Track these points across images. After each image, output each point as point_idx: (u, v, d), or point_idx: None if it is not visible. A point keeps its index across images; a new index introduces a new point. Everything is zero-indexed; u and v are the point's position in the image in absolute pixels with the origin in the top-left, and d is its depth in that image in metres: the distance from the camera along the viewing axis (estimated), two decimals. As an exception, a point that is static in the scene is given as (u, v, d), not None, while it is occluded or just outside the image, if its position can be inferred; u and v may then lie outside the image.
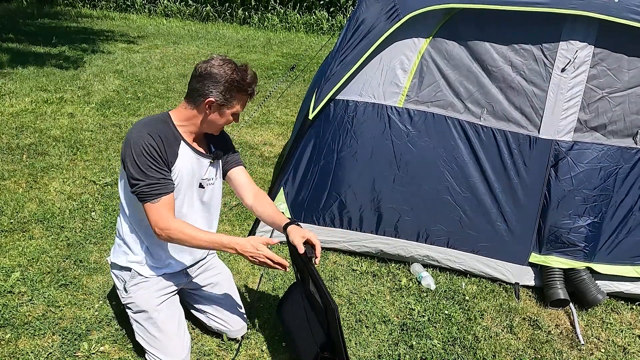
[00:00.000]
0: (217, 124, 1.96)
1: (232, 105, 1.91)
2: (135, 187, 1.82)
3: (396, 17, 2.55)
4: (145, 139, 1.81)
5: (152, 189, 1.81)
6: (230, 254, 2.91)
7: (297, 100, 6.02)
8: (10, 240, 2.83)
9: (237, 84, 1.86)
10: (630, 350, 2.44)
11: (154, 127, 1.86)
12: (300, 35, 10.73)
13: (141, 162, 1.80)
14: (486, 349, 2.36)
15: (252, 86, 1.92)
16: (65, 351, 2.11)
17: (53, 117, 4.73)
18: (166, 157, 1.86)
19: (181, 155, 1.92)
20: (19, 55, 6.98)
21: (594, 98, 2.56)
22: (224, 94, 1.86)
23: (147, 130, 1.83)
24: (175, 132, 1.92)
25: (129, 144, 1.82)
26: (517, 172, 2.68)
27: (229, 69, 1.86)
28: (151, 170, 1.81)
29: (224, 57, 1.92)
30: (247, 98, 1.95)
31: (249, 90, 1.91)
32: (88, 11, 11.81)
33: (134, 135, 1.82)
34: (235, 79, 1.85)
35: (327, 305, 1.77)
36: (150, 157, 1.80)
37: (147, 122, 1.89)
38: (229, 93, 1.87)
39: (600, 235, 2.67)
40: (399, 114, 2.73)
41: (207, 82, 1.85)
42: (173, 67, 7.01)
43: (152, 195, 1.81)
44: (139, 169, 1.80)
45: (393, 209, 2.81)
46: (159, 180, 1.83)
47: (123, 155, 1.84)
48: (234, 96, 1.89)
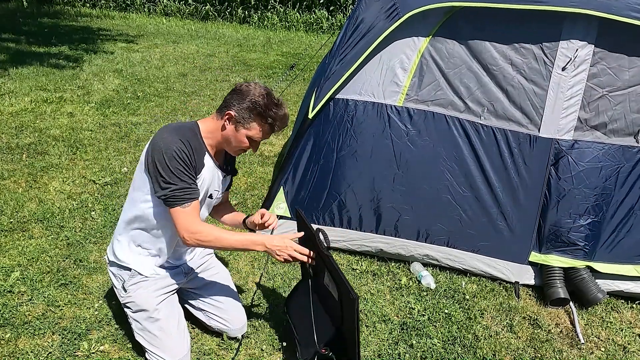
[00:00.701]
0: (232, 143, 1.93)
1: (248, 126, 1.88)
2: (166, 191, 1.82)
3: (396, 16, 2.55)
4: (177, 144, 1.81)
5: (184, 192, 1.83)
6: (230, 253, 2.91)
7: (297, 99, 6.01)
8: (10, 240, 2.83)
9: (259, 108, 1.85)
10: (630, 349, 2.44)
11: (184, 134, 1.86)
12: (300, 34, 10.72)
13: (173, 166, 1.81)
14: (486, 348, 2.36)
15: (274, 117, 1.87)
16: (65, 351, 2.11)
17: (53, 117, 4.73)
18: (195, 164, 1.88)
19: (207, 165, 1.95)
20: (19, 54, 6.97)
21: (595, 97, 2.56)
22: (243, 112, 1.86)
23: (178, 136, 1.83)
24: (201, 142, 1.93)
25: (159, 148, 1.81)
26: (517, 171, 2.67)
27: (259, 91, 1.86)
28: (183, 175, 1.82)
29: (265, 86, 1.92)
30: (267, 128, 1.90)
31: (269, 119, 1.87)
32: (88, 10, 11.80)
33: (166, 140, 1.82)
34: (258, 101, 1.85)
35: (347, 295, 1.77)
36: (183, 162, 1.82)
37: (177, 128, 1.89)
38: (248, 113, 1.86)
39: (601, 234, 2.67)
40: (399, 113, 2.72)
41: (235, 95, 1.88)
42: (173, 67, 7.00)
43: (183, 199, 1.83)
44: (171, 173, 1.81)
45: (393, 208, 2.80)
46: (190, 185, 1.85)
47: (151, 158, 1.83)
48: (252, 118, 1.87)
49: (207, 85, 6.22)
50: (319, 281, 2.07)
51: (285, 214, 2.92)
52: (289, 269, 2.82)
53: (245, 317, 2.29)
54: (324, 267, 1.97)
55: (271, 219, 2.12)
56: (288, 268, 2.82)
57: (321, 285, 2.05)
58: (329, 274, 1.94)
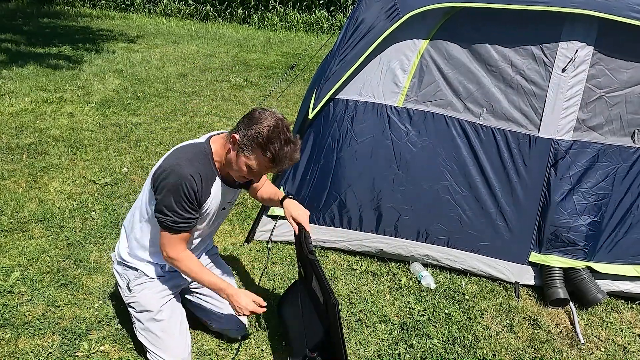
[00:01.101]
0: (233, 168, 1.87)
1: (248, 154, 1.79)
2: (161, 216, 1.85)
3: (396, 17, 2.55)
4: (187, 180, 1.80)
5: (176, 225, 1.85)
6: (230, 253, 2.92)
7: (297, 99, 6.01)
8: (10, 240, 2.83)
9: (260, 138, 1.74)
10: (630, 350, 2.44)
11: (197, 166, 1.84)
12: (300, 34, 10.72)
13: (176, 200, 1.81)
14: (486, 348, 2.36)
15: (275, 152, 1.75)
16: (65, 351, 2.11)
17: (53, 117, 4.73)
18: (201, 198, 1.88)
19: (213, 192, 1.94)
20: (19, 54, 6.97)
21: (592, 97, 2.56)
22: (246, 139, 1.77)
23: (190, 170, 1.81)
24: (213, 168, 1.92)
25: (170, 178, 1.80)
26: (517, 172, 2.67)
27: (267, 122, 1.76)
28: (183, 209, 1.83)
29: (281, 116, 1.82)
30: (266, 162, 1.78)
31: (268, 154, 1.75)
32: (88, 10, 11.80)
33: (177, 171, 1.80)
34: (262, 132, 1.74)
35: (327, 300, 1.77)
36: (186, 199, 1.82)
37: (191, 156, 1.85)
38: (250, 141, 1.76)
39: (600, 234, 2.67)
40: (399, 113, 2.73)
41: (245, 119, 1.81)
42: (173, 67, 7.00)
43: (173, 229, 1.86)
44: (172, 206, 1.82)
45: (393, 208, 2.81)
46: (186, 219, 1.86)
47: (160, 180, 1.83)
48: (253, 147, 1.77)
49: (207, 86, 6.22)
50: (308, 284, 2.07)
51: (285, 214, 2.92)
52: (289, 269, 2.82)
53: (245, 318, 2.29)
54: (311, 270, 1.97)
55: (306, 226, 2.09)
56: (288, 268, 2.82)
57: (310, 288, 2.05)
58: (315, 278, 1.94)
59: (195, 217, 1.90)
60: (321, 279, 1.84)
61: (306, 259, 2.01)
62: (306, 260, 2.01)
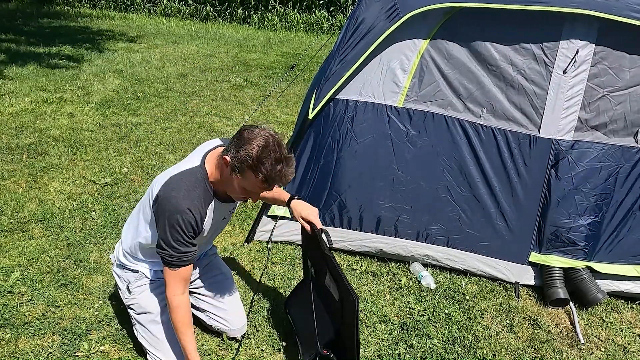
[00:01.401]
0: (230, 188, 1.84)
1: (242, 176, 1.74)
2: (160, 250, 1.84)
3: (396, 17, 2.55)
4: (184, 214, 1.76)
5: (174, 259, 1.83)
6: (230, 254, 2.92)
7: (297, 99, 6.01)
8: (10, 240, 2.83)
9: (251, 161, 1.69)
10: (630, 350, 2.44)
11: (193, 197, 1.79)
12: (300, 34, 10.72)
13: (173, 235, 1.79)
14: (486, 348, 2.36)
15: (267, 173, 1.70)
16: (65, 351, 2.11)
17: (53, 117, 4.73)
18: (199, 228, 1.85)
19: (209, 212, 1.91)
20: (19, 55, 6.97)
21: (595, 97, 2.56)
22: (237, 161, 1.72)
23: (187, 204, 1.76)
24: (209, 192, 1.88)
25: (166, 210, 1.76)
26: (517, 172, 2.67)
27: (257, 142, 1.70)
28: (180, 243, 1.81)
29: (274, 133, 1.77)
30: (260, 184, 1.74)
31: (260, 175, 1.70)
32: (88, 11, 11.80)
33: (173, 203, 1.76)
34: (251, 153, 1.69)
35: (346, 296, 1.77)
36: (183, 233, 1.79)
37: (187, 187, 1.80)
38: (241, 163, 1.71)
39: (601, 234, 2.67)
40: (399, 113, 2.73)
41: (235, 140, 1.76)
42: (173, 67, 7.00)
43: (172, 264, 1.83)
44: (169, 241, 1.80)
45: (393, 208, 2.80)
46: (184, 253, 1.83)
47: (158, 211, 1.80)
48: (244, 169, 1.72)
49: (207, 86, 6.22)
50: (320, 282, 2.07)
51: (285, 215, 2.92)
52: (288, 269, 2.82)
53: (245, 318, 2.29)
54: (325, 267, 1.97)
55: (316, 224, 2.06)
56: (288, 268, 2.82)
57: (322, 286, 2.05)
58: (330, 275, 1.94)
59: (193, 250, 1.86)
60: (339, 276, 1.83)
61: (319, 257, 2.00)
62: (320, 257, 2.01)
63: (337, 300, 1.90)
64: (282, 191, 2.23)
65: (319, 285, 2.11)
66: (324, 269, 1.99)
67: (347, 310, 1.82)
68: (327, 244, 1.95)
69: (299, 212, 2.09)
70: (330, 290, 1.96)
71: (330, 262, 1.90)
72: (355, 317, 1.75)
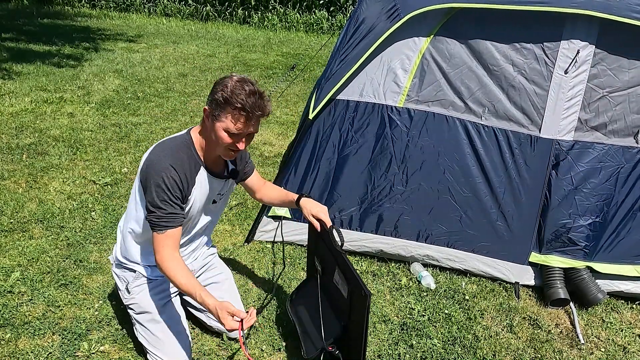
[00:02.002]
0: (217, 144, 1.84)
1: (222, 118, 1.77)
2: (148, 215, 1.84)
3: (397, 17, 2.55)
4: (167, 171, 1.79)
5: (161, 220, 1.82)
6: (230, 254, 2.92)
7: (297, 99, 6.01)
8: (10, 240, 2.83)
9: (226, 93, 1.73)
10: (630, 350, 2.44)
11: (177, 156, 1.84)
12: (300, 34, 10.72)
13: (158, 194, 1.80)
14: (486, 349, 2.36)
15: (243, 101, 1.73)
16: (65, 351, 2.11)
17: (53, 117, 4.73)
18: (185, 189, 1.86)
19: (198, 182, 1.93)
20: (19, 54, 6.97)
21: (595, 97, 2.56)
22: (214, 104, 1.77)
23: (170, 161, 1.81)
24: (196, 159, 1.91)
25: (151, 171, 1.80)
26: (518, 172, 2.67)
27: (232, 80, 1.77)
28: (166, 203, 1.81)
29: (243, 76, 1.82)
30: (239, 115, 1.75)
31: (238, 104, 1.73)
32: (87, 11, 11.80)
33: (157, 163, 1.80)
34: (226, 90, 1.74)
35: (358, 291, 1.77)
36: (168, 191, 1.80)
37: (172, 147, 1.85)
38: (217, 103, 1.76)
39: (601, 234, 2.67)
40: (400, 113, 2.73)
41: (210, 92, 1.81)
42: (173, 67, 7.00)
43: (160, 226, 1.82)
44: (155, 201, 1.80)
45: (393, 208, 2.80)
46: (170, 214, 1.83)
47: (144, 178, 1.83)
48: (222, 107, 1.76)
49: (207, 86, 6.22)
50: (327, 279, 2.07)
51: (285, 215, 2.93)
52: (289, 269, 2.82)
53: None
54: (334, 265, 1.97)
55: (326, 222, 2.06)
56: (288, 268, 2.82)
57: (329, 283, 2.05)
58: (339, 272, 1.94)
59: (179, 211, 1.86)
60: (350, 272, 1.83)
61: (329, 254, 2.00)
62: (329, 254, 2.01)
63: (346, 297, 1.90)
64: (288, 192, 2.24)
65: (325, 283, 2.11)
66: (332, 266, 1.99)
67: (357, 307, 1.82)
68: (340, 242, 1.95)
69: (309, 210, 2.09)
70: (339, 287, 1.96)
71: (341, 258, 1.90)
72: (365, 312, 1.75)
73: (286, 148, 4.51)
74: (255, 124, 1.82)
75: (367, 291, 1.72)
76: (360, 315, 1.79)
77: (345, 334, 1.94)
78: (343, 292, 1.93)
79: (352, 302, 1.86)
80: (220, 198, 2.11)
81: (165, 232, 1.83)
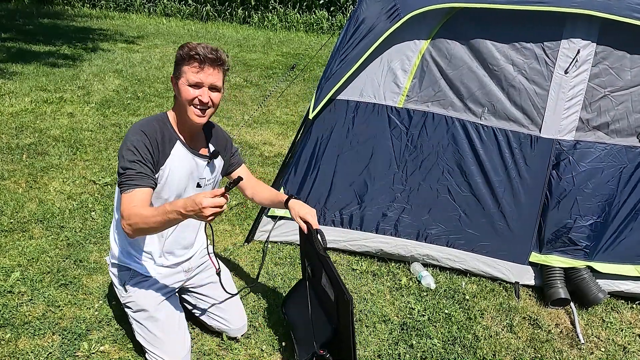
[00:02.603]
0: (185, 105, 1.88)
1: (180, 75, 1.88)
2: (119, 178, 1.83)
3: (396, 17, 2.54)
4: (137, 135, 1.84)
5: (129, 179, 1.80)
6: (230, 254, 2.91)
7: (297, 99, 6.01)
8: (10, 240, 2.83)
9: (181, 54, 1.86)
10: (630, 350, 2.44)
11: (149, 127, 1.88)
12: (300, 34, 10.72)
13: (127, 154, 1.82)
14: (486, 348, 2.36)
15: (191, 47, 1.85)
16: (65, 351, 2.11)
17: (53, 117, 4.73)
18: (157, 155, 1.87)
19: (174, 155, 1.93)
20: (19, 55, 6.97)
21: (596, 97, 2.56)
22: (176, 67, 1.90)
23: (141, 129, 1.86)
24: (171, 132, 1.94)
25: (124, 141, 1.86)
26: (518, 172, 2.67)
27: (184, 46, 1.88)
28: (133, 163, 1.81)
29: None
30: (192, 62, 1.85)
31: (190, 52, 1.84)
32: (87, 11, 11.80)
33: (129, 133, 1.86)
34: (181, 51, 1.87)
35: (341, 296, 1.77)
36: (136, 151, 1.82)
37: (144, 122, 1.92)
38: (177, 63, 1.89)
39: (602, 234, 2.66)
40: (399, 114, 2.72)
41: None
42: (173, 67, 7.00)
43: (126, 185, 1.80)
44: (123, 161, 1.82)
45: (393, 208, 2.80)
46: (137, 173, 1.82)
47: (119, 150, 1.87)
48: (179, 64, 1.88)
49: (207, 86, 6.22)
50: (317, 282, 2.07)
51: (285, 215, 2.92)
52: (288, 269, 2.82)
53: (245, 317, 2.29)
54: (321, 267, 1.97)
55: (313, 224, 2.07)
56: (288, 268, 2.82)
57: (319, 286, 2.05)
58: (326, 275, 1.94)
59: (149, 173, 1.83)
60: (333, 276, 1.84)
61: (316, 257, 2.01)
62: (316, 257, 2.01)
63: (333, 300, 1.90)
64: (279, 193, 2.25)
65: (315, 286, 2.10)
66: (320, 269, 1.99)
67: (342, 311, 1.82)
68: (322, 244, 1.95)
69: (296, 212, 2.10)
70: (327, 290, 1.96)
71: (325, 262, 1.90)
72: (350, 317, 1.74)
73: (286, 148, 4.51)
74: (213, 73, 1.88)
75: (348, 296, 1.72)
76: (346, 319, 1.79)
77: (336, 336, 1.94)
78: (330, 296, 1.92)
79: (338, 305, 1.86)
80: (205, 183, 2.09)
81: (132, 190, 1.79)
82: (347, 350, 1.83)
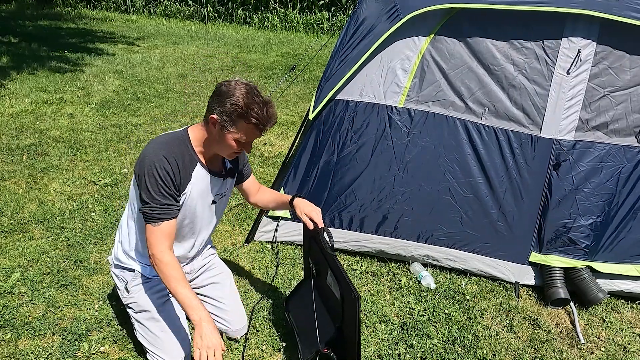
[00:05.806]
0: (222, 147, 1.86)
1: (233, 129, 1.79)
2: (142, 208, 1.83)
3: (396, 17, 2.55)
4: (161, 162, 1.79)
5: (155, 211, 1.81)
6: (230, 254, 2.92)
7: (297, 99, 6.01)
8: (10, 241, 2.83)
9: (239, 109, 1.75)
10: (631, 349, 2.44)
11: (171, 150, 1.83)
12: (300, 35, 10.73)
13: (151, 184, 1.79)
14: (486, 348, 2.36)
15: (257, 117, 1.76)
16: (65, 351, 2.11)
17: (53, 118, 4.73)
18: (179, 182, 1.85)
19: (195, 178, 1.92)
20: (19, 56, 6.98)
21: (596, 97, 2.56)
22: (225, 115, 1.77)
23: (163, 152, 1.81)
24: (192, 154, 1.90)
25: (144, 163, 1.80)
26: (519, 171, 2.67)
27: (240, 91, 1.76)
28: (159, 194, 1.80)
29: (248, 82, 1.82)
30: (253, 129, 1.79)
31: (253, 120, 1.76)
32: (88, 12, 11.81)
33: (150, 155, 1.80)
34: (239, 102, 1.74)
35: (348, 294, 1.77)
36: (161, 182, 1.80)
37: (166, 141, 1.85)
38: (230, 116, 1.77)
39: (602, 234, 2.66)
40: (400, 113, 2.73)
41: (216, 98, 1.80)
42: (173, 68, 7.01)
43: (154, 218, 1.82)
44: (148, 192, 1.80)
45: (393, 209, 2.80)
46: (164, 205, 1.82)
47: (137, 170, 1.83)
48: (234, 121, 1.77)
49: (207, 86, 6.22)
50: (321, 281, 2.07)
51: (285, 215, 2.92)
52: (288, 269, 2.82)
53: (246, 318, 2.29)
54: (327, 266, 1.97)
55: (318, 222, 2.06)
56: (288, 268, 2.82)
57: (323, 285, 2.05)
58: (331, 273, 1.94)
59: (173, 203, 1.85)
60: (340, 274, 1.83)
61: (321, 255, 2.00)
62: (321, 256, 2.01)
63: (338, 298, 1.90)
64: (283, 194, 2.25)
65: (320, 285, 2.11)
66: (325, 267, 1.99)
67: (348, 309, 1.82)
68: (329, 243, 1.95)
69: (301, 210, 2.09)
70: (332, 289, 1.96)
71: (332, 260, 1.90)
72: (356, 315, 1.75)
73: (286, 148, 4.51)
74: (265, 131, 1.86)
75: (356, 294, 1.72)
76: (352, 318, 1.79)
77: (340, 335, 1.94)
78: (335, 294, 1.92)
79: (344, 304, 1.86)
80: (219, 199, 2.11)
81: (159, 224, 1.82)
82: (352, 349, 1.83)
